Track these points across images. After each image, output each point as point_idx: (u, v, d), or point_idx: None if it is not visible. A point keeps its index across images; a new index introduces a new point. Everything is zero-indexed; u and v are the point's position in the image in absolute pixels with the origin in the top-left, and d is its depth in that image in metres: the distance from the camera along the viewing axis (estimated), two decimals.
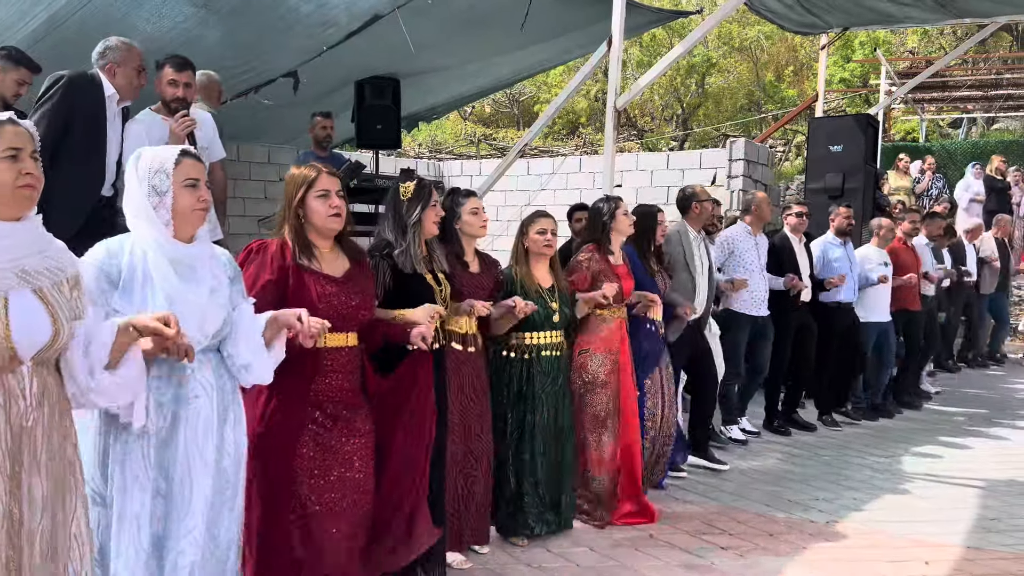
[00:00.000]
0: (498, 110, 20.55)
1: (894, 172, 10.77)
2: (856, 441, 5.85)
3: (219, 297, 2.27)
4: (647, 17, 6.79)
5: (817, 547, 3.77)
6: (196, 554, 2.19)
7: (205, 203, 2.26)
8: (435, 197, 3.20)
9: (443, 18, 5.47)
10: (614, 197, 4.23)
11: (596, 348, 3.98)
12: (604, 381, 3.96)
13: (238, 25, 5.17)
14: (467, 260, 3.54)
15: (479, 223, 3.53)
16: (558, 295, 3.78)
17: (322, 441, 2.64)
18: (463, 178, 10.56)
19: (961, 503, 4.48)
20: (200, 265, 2.26)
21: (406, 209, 3.13)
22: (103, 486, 2.17)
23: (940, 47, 17.75)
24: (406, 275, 3.08)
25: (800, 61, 19.39)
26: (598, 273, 4.01)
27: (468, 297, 3.39)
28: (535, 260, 3.78)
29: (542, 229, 3.75)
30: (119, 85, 3.81)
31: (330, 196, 2.65)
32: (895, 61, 14.74)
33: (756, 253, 5.60)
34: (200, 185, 2.25)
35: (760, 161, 9.01)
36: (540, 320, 3.67)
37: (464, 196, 3.58)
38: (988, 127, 17.88)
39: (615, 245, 4.16)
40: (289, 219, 2.67)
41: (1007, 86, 14.01)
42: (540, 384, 3.70)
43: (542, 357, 3.71)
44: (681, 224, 4.97)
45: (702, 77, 18.38)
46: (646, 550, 3.68)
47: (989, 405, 7.23)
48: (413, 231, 3.11)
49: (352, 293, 2.69)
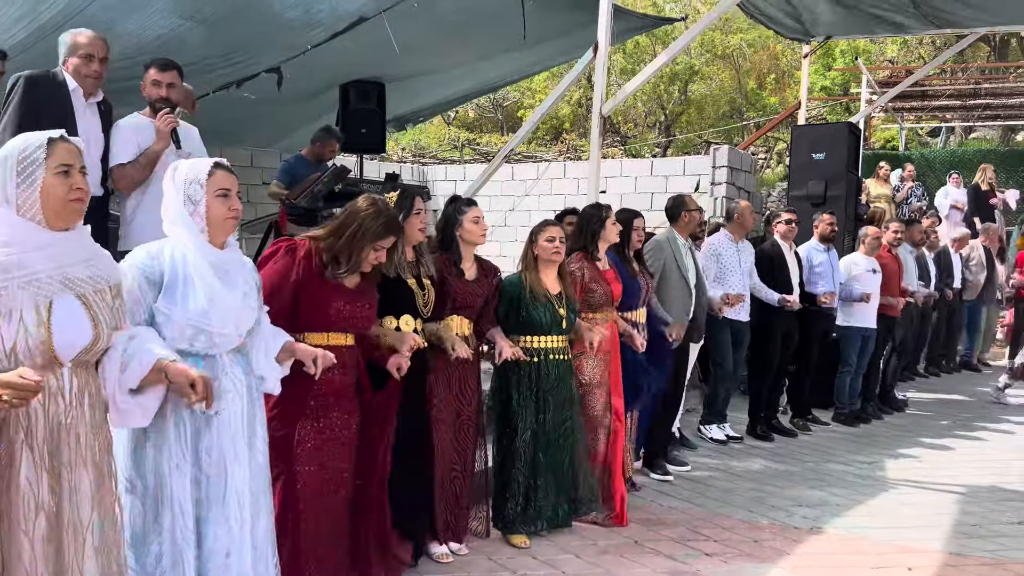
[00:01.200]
0: (482, 115, 20.57)
1: (874, 180, 10.86)
2: (839, 447, 5.88)
3: (250, 300, 2.44)
4: (632, 23, 6.82)
5: (801, 553, 3.78)
6: (233, 540, 2.31)
7: (236, 212, 2.39)
8: (419, 205, 3.29)
9: (428, 21, 5.47)
10: (604, 205, 4.31)
11: (589, 352, 4.06)
12: (599, 382, 4.09)
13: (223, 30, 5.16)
14: (463, 267, 3.61)
15: (480, 232, 3.61)
16: (565, 301, 3.88)
17: (320, 433, 2.86)
18: (447, 183, 10.54)
19: (943, 509, 4.51)
20: (234, 270, 2.41)
21: None
22: (135, 474, 2.27)
23: (919, 57, 17.98)
24: (388, 279, 3.18)
25: (782, 69, 19.57)
26: (590, 280, 4.11)
27: (461, 304, 3.53)
28: (544, 267, 3.87)
29: (551, 237, 3.84)
30: (74, 77, 3.78)
31: (382, 252, 2.92)
32: (875, 70, 14.89)
33: (738, 260, 5.64)
34: (232, 195, 2.39)
35: (743, 168, 9.07)
36: (548, 324, 3.80)
37: (466, 204, 3.67)
38: (966, 136, 18.13)
39: (601, 251, 4.25)
40: (344, 242, 2.85)
41: (985, 96, 14.18)
42: (549, 386, 3.81)
43: (550, 360, 3.83)
44: (670, 232, 4.99)
45: (685, 84, 18.50)
46: (632, 556, 3.67)
47: (970, 410, 7.30)
48: None
49: (361, 305, 2.93)
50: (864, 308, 6.52)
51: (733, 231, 5.67)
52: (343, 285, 2.90)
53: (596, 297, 4.13)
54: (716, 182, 8.70)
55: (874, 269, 6.55)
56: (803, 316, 6.12)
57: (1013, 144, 16.97)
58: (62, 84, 3.76)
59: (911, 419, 6.92)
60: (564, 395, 3.88)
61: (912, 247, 7.46)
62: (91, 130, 3.83)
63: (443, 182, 10.61)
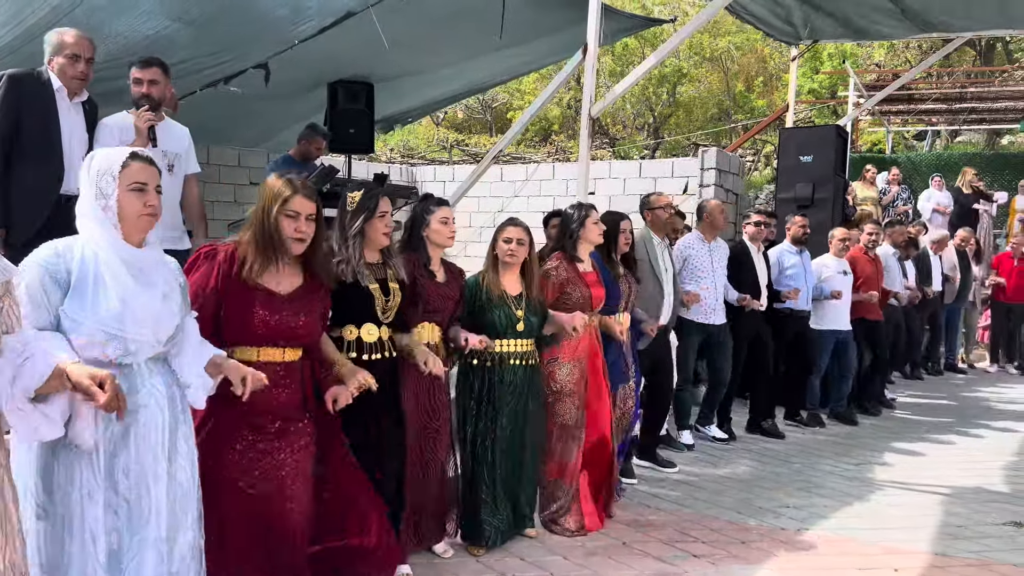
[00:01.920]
0: (471, 116, 20.57)
1: (860, 183, 10.92)
2: (826, 449, 5.90)
3: (171, 303, 2.22)
4: (622, 24, 6.82)
5: (788, 554, 3.78)
6: (156, 563, 2.14)
7: (152, 208, 2.17)
8: (383, 208, 3.11)
9: (417, 17, 5.45)
10: (586, 204, 4.17)
11: (564, 357, 3.93)
12: (571, 390, 3.92)
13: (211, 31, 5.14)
14: (433, 269, 3.47)
15: (447, 233, 3.45)
16: (525, 304, 3.70)
17: (255, 456, 2.55)
18: (436, 183, 10.53)
19: (929, 510, 4.53)
20: (152, 269, 2.19)
21: (349, 219, 3.09)
22: (47, 499, 2.08)
23: (906, 60, 18.11)
24: (346, 284, 3.02)
25: (769, 72, 19.68)
26: (566, 282, 3.96)
27: (432, 308, 3.39)
28: (504, 268, 3.72)
29: (508, 237, 3.70)
30: (59, 77, 3.75)
31: (298, 219, 2.56)
32: (863, 73, 14.99)
33: (709, 260, 5.50)
34: (148, 190, 2.17)
35: (731, 170, 9.10)
36: (503, 327, 3.63)
37: (435, 204, 3.50)
38: (952, 139, 18.27)
39: (583, 253, 4.10)
40: (256, 228, 2.57)
41: (970, 100, 14.31)
42: (501, 393, 3.64)
43: (505, 366, 3.65)
44: (644, 231, 4.94)
45: (673, 87, 18.56)
46: (619, 558, 3.67)
47: (955, 413, 7.34)
48: (354, 241, 3.07)
49: (296, 313, 2.59)
50: (836, 310, 6.45)
51: (704, 231, 5.55)
52: (272, 292, 2.57)
53: (573, 300, 3.96)
54: (704, 184, 8.73)
55: (844, 271, 6.50)
56: (773, 319, 6.04)
57: (998, 148, 17.12)
58: (47, 83, 3.73)
59: (897, 421, 6.95)
60: (521, 402, 3.69)
61: (895, 249, 7.44)
62: (75, 129, 3.81)
63: (432, 183, 10.59)
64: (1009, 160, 14.61)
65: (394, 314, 3.15)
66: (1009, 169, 13.53)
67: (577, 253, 4.06)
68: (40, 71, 3.77)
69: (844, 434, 6.39)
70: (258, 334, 2.53)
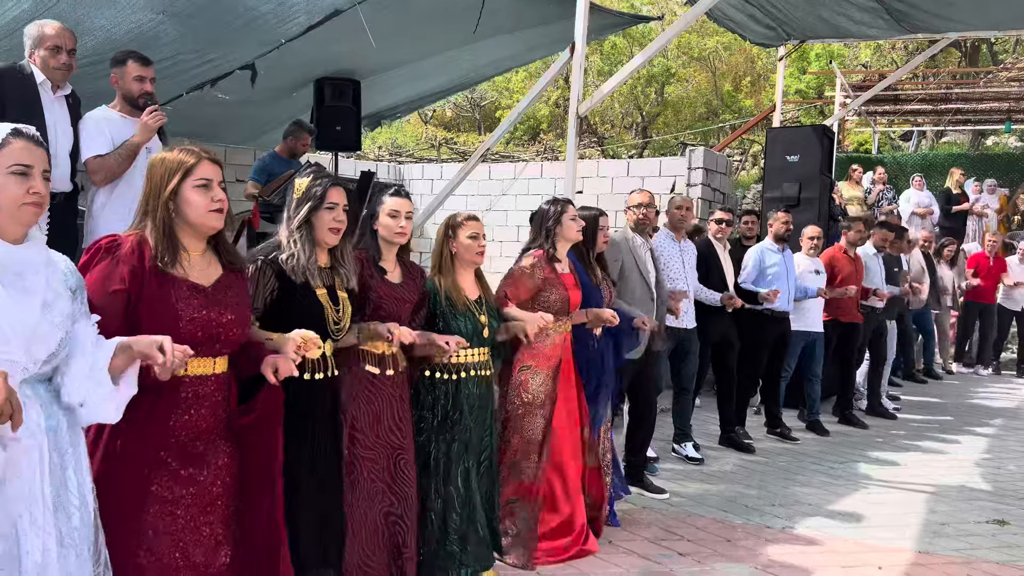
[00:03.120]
0: (459, 114, 20.55)
1: (846, 183, 10.98)
2: (811, 448, 5.93)
3: (54, 313, 1.83)
4: (609, 21, 6.82)
5: (773, 552, 3.80)
6: None
7: (37, 197, 1.84)
8: (333, 199, 2.65)
9: (403, 12, 5.43)
10: (562, 199, 3.81)
11: (539, 365, 3.58)
12: (543, 402, 3.58)
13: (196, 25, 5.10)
14: (385, 267, 3.00)
15: (396, 228, 2.98)
16: (486, 307, 3.33)
17: (176, 489, 2.13)
18: (424, 181, 10.50)
19: (913, 508, 4.56)
20: (30, 272, 1.83)
21: (293, 208, 2.67)
22: None
23: (892, 61, 18.22)
24: (294, 285, 2.58)
25: (757, 72, 19.76)
26: (543, 282, 3.61)
27: (388, 312, 2.92)
28: (462, 268, 3.31)
29: (474, 234, 3.28)
30: (41, 69, 3.71)
31: (212, 187, 2.16)
32: (849, 74, 15.06)
33: (680, 261, 5.17)
34: (33, 174, 1.84)
35: (719, 170, 9.12)
36: (468, 335, 3.18)
37: (388, 195, 3.03)
38: (937, 140, 18.40)
39: (561, 252, 3.76)
40: (154, 211, 2.15)
41: (956, 100, 14.40)
42: (468, 407, 3.23)
43: (470, 378, 3.23)
44: (626, 229, 4.70)
45: (662, 86, 18.61)
46: (606, 557, 3.67)
47: (939, 413, 7.39)
48: (299, 235, 2.63)
49: (224, 307, 2.17)
50: (807, 311, 6.21)
51: (672, 230, 5.22)
52: (196, 285, 2.16)
53: (551, 303, 3.60)
54: (692, 183, 8.74)
55: (816, 270, 6.30)
56: (754, 321, 5.82)
57: (983, 148, 17.26)
58: (29, 77, 3.69)
59: (883, 422, 6.99)
60: (484, 417, 3.31)
61: (876, 249, 7.17)
62: (60, 123, 3.77)
63: (420, 181, 10.56)
64: (994, 161, 14.73)
65: (345, 330, 2.72)
66: (994, 170, 13.65)
67: (556, 252, 3.74)
68: (22, 65, 3.72)
69: (830, 433, 6.41)
70: (183, 336, 2.05)
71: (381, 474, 2.92)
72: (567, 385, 3.69)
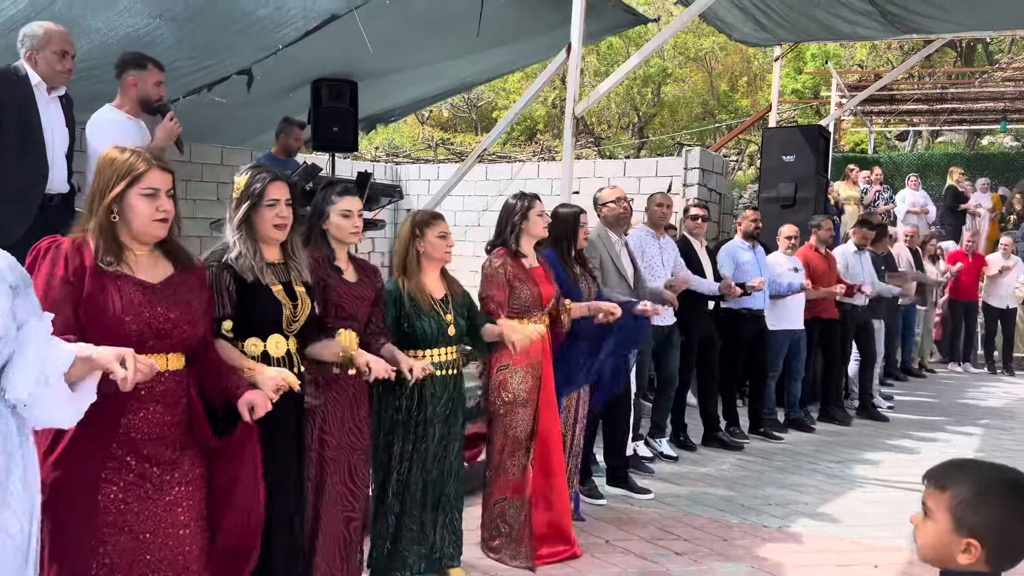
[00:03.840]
0: (456, 115, 20.56)
1: (843, 182, 11.00)
2: (807, 447, 5.95)
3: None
4: (606, 23, 6.83)
5: (769, 552, 3.81)
6: None
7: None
8: (273, 196, 2.57)
9: (401, 19, 5.44)
10: (529, 194, 3.74)
11: (517, 363, 3.52)
12: (526, 400, 3.54)
13: (193, 29, 5.10)
14: (340, 266, 2.98)
15: (350, 228, 2.95)
16: (452, 306, 3.31)
17: (135, 491, 2.06)
18: (420, 182, 10.51)
19: (908, 507, 4.56)
20: None
21: (233, 208, 2.61)
22: None
23: (888, 61, 18.27)
24: (248, 284, 2.54)
25: (753, 72, 19.80)
26: (512, 278, 3.57)
27: (346, 308, 2.91)
28: (429, 267, 3.29)
29: (443, 233, 3.27)
30: (43, 72, 3.69)
31: (159, 197, 2.10)
32: (845, 74, 15.09)
33: (660, 258, 5.13)
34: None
35: (715, 170, 9.14)
36: (434, 335, 3.21)
37: (337, 194, 2.97)
38: (933, 140, 18.45)
39: (526, 247, 3.69)
40: (97, 214, 2.08)
41: (951, 100, 14.43)
42: (432, 407, 3.22)
43: (436, 378, 3.19)
44: (600, 228, 4.65)
45: (658, 86, 18.63)
46: (602, 556, 3.68)
47: (933, 411, 7.41)
48: (239, 234, 2.57)
49: (171, 303, 2.12)
50: (789, 309, 6.19)
51: (651, 226, 5.20)
52: (142, 282, 2.10)
53: (522, 299, 3.57)
54: (688, 184, 8.75)
55: (795, 268, 6.23)
56: (730, 319, 5.81)
57: (978, 148, 17.31)
58: (24, 79, 3.66)
59: (877, 420, 7.00)
60: (449, 417, 3.29)
61: (856, 248, 6.96)
62: (55, 125, 3.77)
63: (416, 181, 10.57)
64: (989, 160, 14.78)
65: (302, 325, 2.65)
66: (989, 170, 13.69)
67: (520, 248, 3.67)
68: (16, 67, 3.69)
69: (827, 432, 6.44)
70: (129, 333, 2.01)
71: (343, 476, 2.92)
72: (548, 388, 3.62)
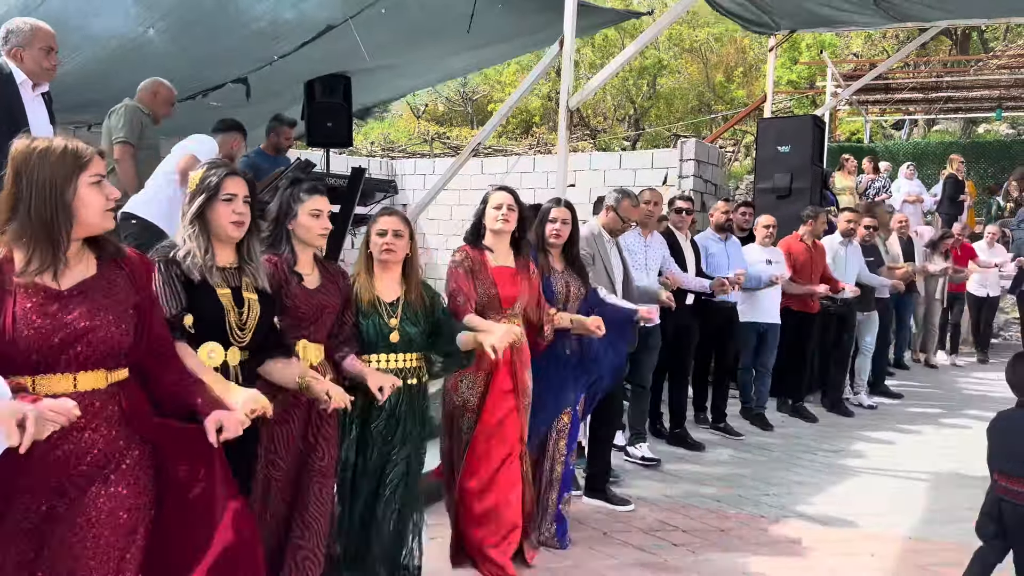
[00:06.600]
0: (451, 109, 20.54)
1: (840, 172, 11.00)
2: (805, 437, 5.95)
3: None
4: (599, 18, 6.82)
5: (767, 541, 3.82)
6: None
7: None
8: (231, 190, 2.38)
9: (395, 27, 5.42)
10: (497, 187, 3.53)
11: (469, 367, 3.30)
12: (475, 407, 3.35)
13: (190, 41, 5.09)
14: (301, 271, 2.76)
15: (320, 228, 2.77)
16: (402, 310, 3.02)
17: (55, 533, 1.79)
18: (416, 176, 10.50)
19: (906, 496, 4.59)
20: None
21: (187, 202, 2.43)
22: None
23: (883, 50, 18.25)
24: (193, 284, 2.35)
25: (749, 63, 19.78)
26: (473, 277, 3.37)
27: (304, 317, 2.71)
28: (380, 268, 3.05)
29: (381, 230, 3.01)
30: (28, 69, 3.67)
31: (103, 184, 1.88)
32: (840, 63, 15.07)
33: (644, 257, 4.96)
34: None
35: (710, 161, 9.13)
36: (374, 340, 2.96)
37: (306, 192, 2.78)
38: (929, 129, 18.44)
39: (493, 243, 3.45)
40: (36, 213, 1.80)
41: (947, 88, 14.42)
42: (374, 418, 2.95)
43: None
44: (593, 225, 4.49)
45: (653, 78, 18.61)
46: (600, 548, 3.69)
47: (930, 401, 7.43)
48: (192, 230, 2.38)
49: (83, 312, 1.81)
50: (759, 301, 6.01)
51: (640, 225, 4.94)
52: (48, 288, 1.81)
53: (480, 300, 3.36)
54: (684, 175, 8.75)
55: (769, 260, 6.04)
56: (702, 312, 5.64)
57: (974, 136, 17.30)
58: (8, 76, 3.63)
59: (874, 411, 7.01)
60: (398, 431, 2.97)
61: (843, 238, 6.70)
62: (39, 121, 3.74)
63: (412, 176, 10.56)
64: (985, 148, 14.78)
65: (251, 335, 2.42)
66: (985, 158, 13.69)
67: (486, 243, 3.46)
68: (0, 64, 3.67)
69: (823, 423, 6.45)
70: (24, 350, 1.75)
71: (287, 497, 2.71)
72: (504, 393, 3.38)
